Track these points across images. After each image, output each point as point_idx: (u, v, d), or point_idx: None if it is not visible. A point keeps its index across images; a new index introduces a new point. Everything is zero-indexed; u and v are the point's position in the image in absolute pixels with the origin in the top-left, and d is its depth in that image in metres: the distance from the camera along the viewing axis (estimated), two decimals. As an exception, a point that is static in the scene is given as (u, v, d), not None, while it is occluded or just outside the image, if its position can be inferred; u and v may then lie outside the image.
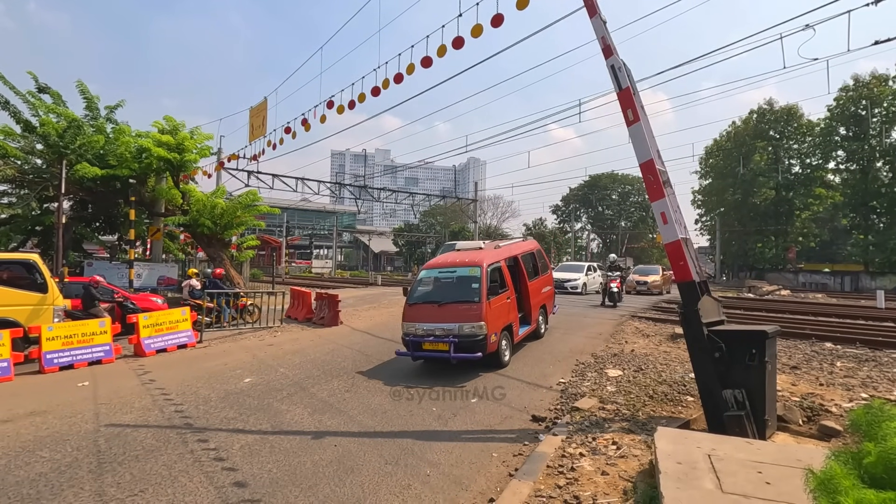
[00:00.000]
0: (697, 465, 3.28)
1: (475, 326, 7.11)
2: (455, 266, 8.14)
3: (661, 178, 5.16)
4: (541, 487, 3.81)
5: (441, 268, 8.40)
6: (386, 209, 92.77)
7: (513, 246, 9.54)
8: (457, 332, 7.16)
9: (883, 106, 35.04)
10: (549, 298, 10.51)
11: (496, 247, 9.00)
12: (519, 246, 9.76)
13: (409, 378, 7.36)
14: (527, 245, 10.22)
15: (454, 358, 7.02)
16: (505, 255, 8.66)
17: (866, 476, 2.25)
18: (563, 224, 68.34)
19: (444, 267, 8.36)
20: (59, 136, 15.46)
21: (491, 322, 7.22)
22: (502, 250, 8.86)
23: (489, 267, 7.72)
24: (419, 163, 35.06)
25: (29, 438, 5.03)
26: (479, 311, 7.17)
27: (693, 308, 4.86)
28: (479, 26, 7.51)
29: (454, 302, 7.46)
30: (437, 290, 8.22)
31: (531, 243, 10.54)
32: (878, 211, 36.38)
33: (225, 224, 18.26)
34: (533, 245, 10.49)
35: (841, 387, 6.78)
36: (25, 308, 8.69)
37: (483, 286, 7.33)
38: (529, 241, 10.80)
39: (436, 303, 7.65)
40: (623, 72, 5.24)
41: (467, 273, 7.84)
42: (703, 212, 50.37)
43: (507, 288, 8.12)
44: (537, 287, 9.71)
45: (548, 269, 10.80)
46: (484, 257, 7.93)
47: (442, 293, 7.99)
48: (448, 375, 7.36)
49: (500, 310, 7.63)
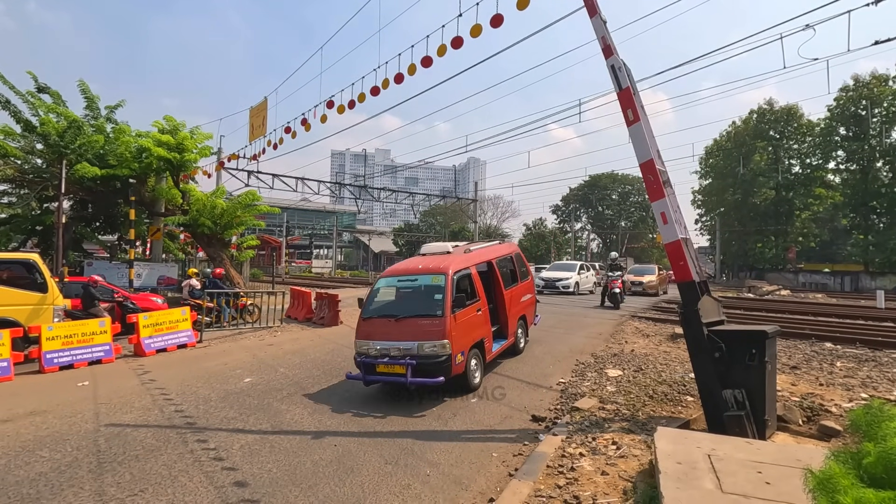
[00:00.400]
0: (697, 465, 3.28)
1: (437, 345, 6.00)
2: (416, 273, 7.00)
3: (661, 178, 5.16)
4: (541, 487, 3.81)
5: (400, 275, 7.23)
6: (386, 209, 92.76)
7: (487, 249, 8.44)
8: (415, 351, 6.07)
9: (883, 106, 35.04)
10: (529, 308, 9.33)
11: (466, 250, 7.86)
12: (494, 249, 8.64)
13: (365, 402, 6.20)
14: (503, 248, 9.10)
15: (411, 383, 5.94)
16: (476, 261, 7.60)
17: (866, 476, 2.25)
18: (563, 224, 68.33)
19: (404, 274, 7.20)
20: (59, 136, 15.46)
21: (456, 339, 6.13)
22: (473, 255, 7.75)
23: (456, 274, 6.63)
24: (419, 163, 35.06)
25: (29, 438, 5.03)
26: (442, 326, 6.05)
27: (693, 308, 4.86)
28: (478, 26, 7.52)
29: (413, 316, 6.38)
30: (394, 302, 7.16)
31: (509, 246, 9.49)
32: (878, 211, 36.38)
33: (225, 224, 18.27)
34: (511, 248, 9.43)
35: (841, 387, 6.78)
36: (25, 308, 8.69)
37: (447, 297, 6.23)
38: (507, 244, 9.74)
39: (392, 317, 6.49)
40: (623, 72, 5.24)
41: (429, 282, 6.71)
42: (703, 212, 50.38)
43: (478, 298, 7.02)
44: (515, 296, 8.60)
45: (528, 275, 9.65)
46: (450, 263, 6.81)
47: (400, 305, 6.95)
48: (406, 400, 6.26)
49: (468, 324, 6.55)
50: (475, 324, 6.80)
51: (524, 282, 9.23)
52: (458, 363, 6.17)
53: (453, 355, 6.05)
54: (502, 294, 8.04)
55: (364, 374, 6.23)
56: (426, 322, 6.22)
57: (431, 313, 6.25)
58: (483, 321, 7.07)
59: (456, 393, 6.39)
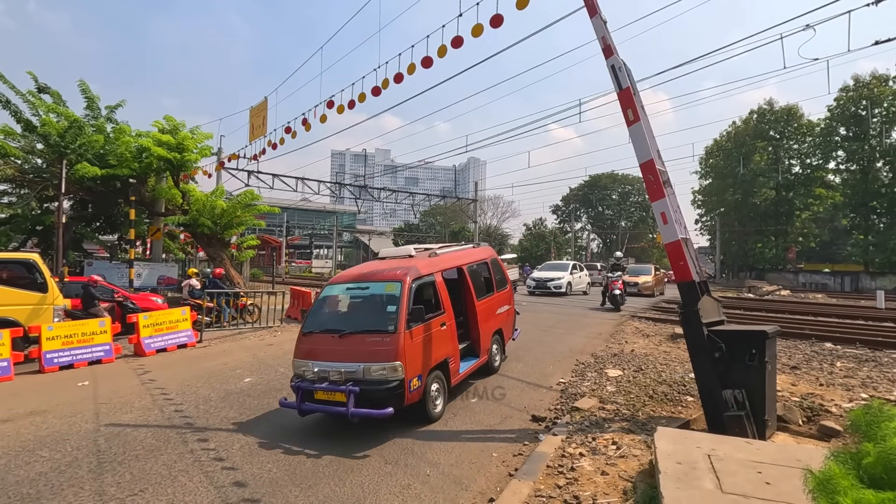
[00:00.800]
0: (697, 465, 3.28)
1: (387, 368, 4.98)
2: (367, 280, 5.98)
3: (661, 178, 5.16)
4: (541, 487, 3.81)
5: (350, 282, 6.13)
6: (386, 209, 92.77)
7: (457, 254, 7.36)
8: (360, 375, 5.03)
9: (883, 106, 35.04)
10: (507, 322, 8.12)
11: (432, 254, 6.80)
12: (466, 254, 7.55)
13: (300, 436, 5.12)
14: (477, 253, 7.95)
15: (353, 415, 4.84)
16: (443, 266, 6.51)
17: (865, 476, 2.25)
18: (563, 224, 68.35)
19: (354, 281, 6.12)
20: (59, 136, 15.46)
21: (412, 360, 5.12)
22: (440, 259, 6.67)
23: (414, 282, 5.61)
24: (419, 163, 35.06)
25: (29, 438, 5.03)
26: (394, 345, 5.02)
27: (693, 308, 4.86)
28: (479, 26, 7.52)
29: (360, 332, 5.32)
30: (340, 315, 6.13)
31: (484, 251, 8.30)
32: (878, 211, 36.39)
33: (225, 224, 18.27)
34: (486, 253, 8.24)
35: (841, 387, 6.78)
36: (25, 308, 8.69)
37: (402, 309, 5.21)
38: (482, 247, 8.51)
39: (336, 333, 5.42)
40: (623, 72, 5.24)
41: (382, 290, 5.71)
42: (703, 212, 50.40)
43: (442, 310, 6.00)
44: (490, 307, 7.47)
45: (506, 283, 8.40)
46: (409, 269, 5.77)
47: (346, 319, 5.96)
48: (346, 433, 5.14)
49: (429, 341, 5.53)
50: (438, 341, 5.72)
51: (502, 291, 8.06)
52: (414, 389, 5.12)
53: (407, 380, 5.01)
54: (474, 305, 6.92)
55: (299, 402, 5.11)
56: (375, 339, 5.17)
57: (382, 329, 5.23)
58: (448, 337, 5.99)
59: (412, 424, 5.35)
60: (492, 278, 7.90)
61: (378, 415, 4.82)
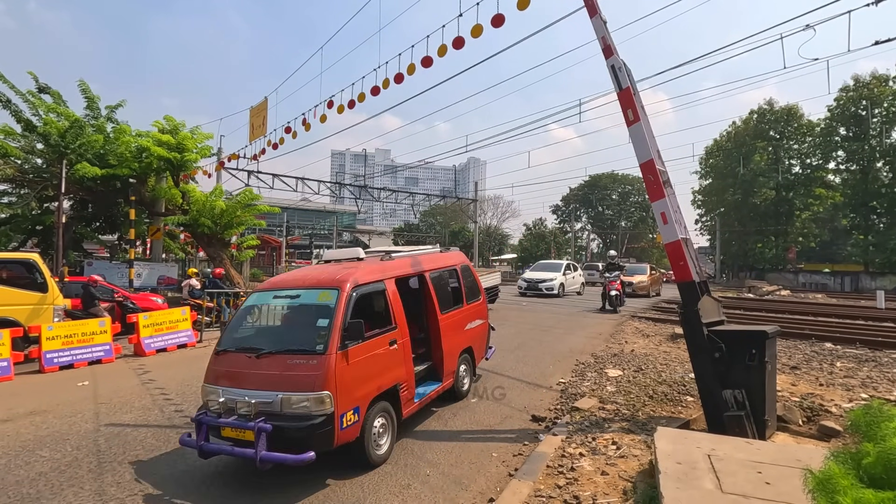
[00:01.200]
0: (697, 465, 3.28)
1: (310, 399, 3.88)
2: (298, 287, 4.93)
3: (661, 178, 5.16)
4: (541, 487, 3.81)
5: (279, 289, 5.09)
6: (386, 209, 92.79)
7: (416, 258, 6.12)
8: (276, 407, 3.91)
9: (883, 106, 35.06)
10: (478, 339, 6.90)
11: (385, 257, 5.68)
12: (428, 259, 6.32)
13: None
14: (444, 258, 6.75)
15: (263, 460, 3.72)
16: (397, 272, 5.43)
17: (865, 476, 2.25)
18: (563, 224, 68.39)
19: (284, 288, 5.05)
20: (60, 136, 15.46)
21: (346, 389, 4.03)
22: (394, 264, 5.56)
23: (356, 290, 4.57)
24: (419, 163, 35.06)
25: (29, 438, 5.04)
26: (322, 369, 3.95)
27: (693, 308, 4.86)
28: (479, 26, 7.52)
29: (282, 352, 4.24)
30: (263, 329, 5.15)
31: (452, 256, 7.10)
32: (878, 211, 36.40)
33: (225, 224, 18.27)
34: (454, 259, 7.00)
35: (841, 387, 6.79)
36: (25, 307, 8.69)
37: (336, 324, 4.17)
38: (451, 252, 7.31)
39: (253, 352, 4.30)
40: (623, 72, 5.24)
41: (314, 300, 4.70)
42: (703, 212, 50.44)
43: (393, 325, 4.93)
44: (458, 322, 6.28)
45: (479, 294, 7.17)
46: (350, 274, 4.70)
47: (268, 335, 4.98)
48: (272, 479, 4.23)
49: (371, 365, 4.44)
50: (385, 363, 4.66)
51: (473, 304, 6.86)
52: (349, 426, 4.02)
53: (339, 414, 3.92)
54: (437, 319, 5.78)
55: (199, 441, 3.98)
56: (299, 362, 4.08)
57: (308, 349, 4.18)
58: (400, 359, 4.90)
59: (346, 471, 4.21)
60: (461, 288, 6.70)
61: (294, 461, 3.67)
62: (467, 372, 6.58)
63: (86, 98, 17.80)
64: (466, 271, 7.10)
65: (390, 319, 4.97)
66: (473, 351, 6.73)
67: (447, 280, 6.57)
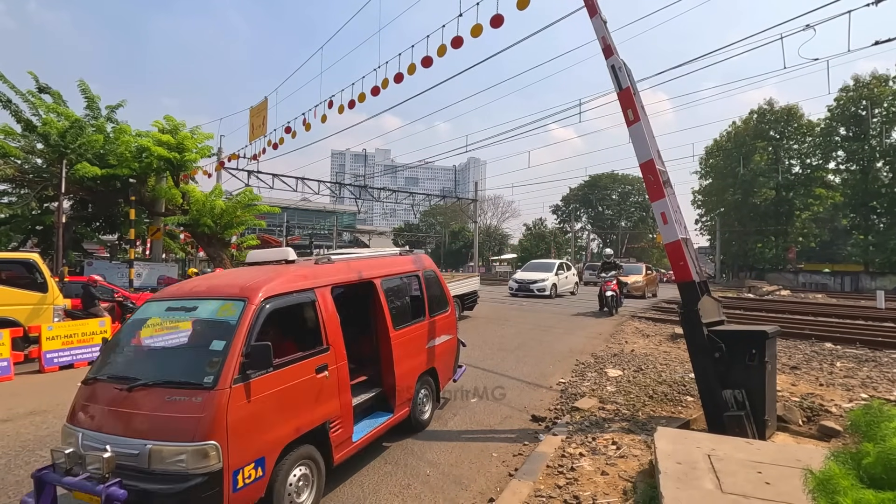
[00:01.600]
0: (697, 465, 3.28)
1: (188, 452, 2.84)
2: (198, 297, 3.83)
3: (662, 178, 5.16)
4: (541, 487, 3.81)
5: (176, 299, 3.98)
6: (386, 209, 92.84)
7: (365, 262, 5.01)
8: (143, 462, 2.88)
9: (883, 106, 35.08)
10: (443, 358, 5.75)
11: (320, 261, 4.56)
12: (382, 263, 5.23)
13: None
14: (402, 263, 5.58)
15: None
16: (333, 279, 4.28)
17: (865, 476, 2.25)
18: (563, 224, 68.42)
19: (181, 298, 3.94)
20: (60, 136, 15.47)
21: (244, 435, 3.05)
22: (330, 268, 4.41)
23: (270, 302, 3.52)
24: (419, 163, 35.08)
25: (29, 438, 5.04)
26: (208, 410, 2.93)
27: (693, 308, 4.86)
28: (479, 26, 7.53)
29: (159, 384, 3.16)
30: (144, 352, 3.93)
31: (413, 260, 5.86)
32: (878, 211, 36.43)
33: (225, 224, 18.30)
34: (416, 263, 5.80)
35: (841, 387, 6.79)
36: (25, 307, 8.69)
37: (234, 348, 3.14)
38: (414, 255, 6.06)
39: (125, 382, 3.22)
40: (623, 72, 5.24)
41: (212, 315, 3.65)
42: (703, 212, 50.46)
43: (323, 346, 3.84)
44: (416, 339, 5.23)
45: (446, 305, 6.05)
46: (265, 282, 3.64)
47: (148, 360, 3.84)
48: None
49: (285, 400, 3.40)
50: (309, 397, 3.58)
51: (439, 316, 5.77)
52: (248, 484, 3.05)
53: (230, 471, 2.93)
54: (389, 337, 4.74)
55: (39, 496, 2.98)
56: (179, 399, 3.02)
57: (194, 381, 3.10)
58: (333, 389, 3.82)
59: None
60: (423, 298, 5.61)
61: None
62: (428, 398, 5.44)
63: (86, 98, 17.81)
64: (432, 279, 5.96)
65: (321, 339, 3.83)
66: (437, 372, 5.61)
67: (405, 289, 5.47)
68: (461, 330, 6.62)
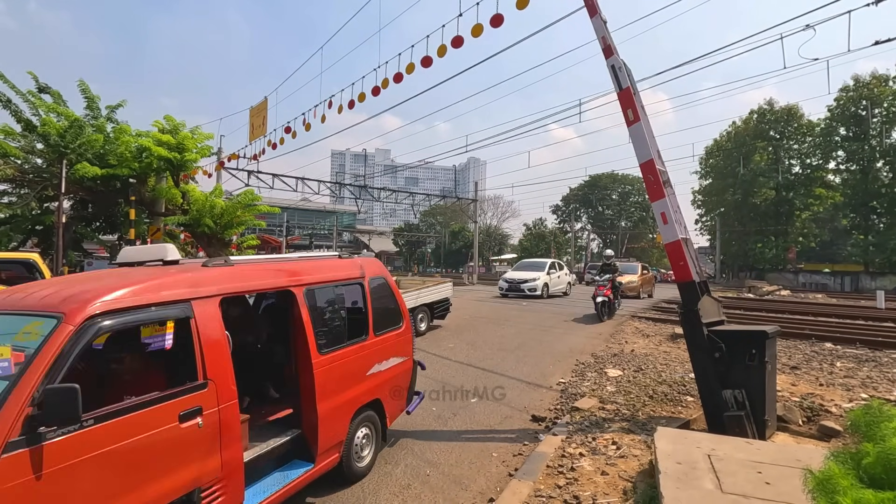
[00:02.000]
0: (697, 465, 3.28)
1: None
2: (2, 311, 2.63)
3: (662, 178, 5.16)
4: (541, 487, 3.81)
5: None
6: (386, 209, 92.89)
7: (287, 267, 3.95)
8: None
9: (883, 106, 35.10)
10: (391, 386, 4.60)
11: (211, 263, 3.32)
12: (308, 268, 4.04)
13: None
14: (338, 268, 4.39)
15: None
16: (224, 288, 3.15)
17: (865, 476, 2.26)
18: (563, 224, 68.43)
19: None
20: (59, 136, 15.48)
21: None
22: (223, 273, 3.25)
23: (102, 322, 2.40)
24: (419, 163, 35.08)
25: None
26: None
27: (693, 308, 4.87)
28: (479, 26, 7.52)
29: None
30: None
31: (356, 264, 4.62)
32: (878, 211, 36.45)
33: (225, 224, 18.30)
34: (358, 268, 4.56)
35: (841, 387, 6.79)
36: (25, 308, 8.67)
37: (16, 393, 2.12)
38: (358, 259, 4.82)
39: None
40: (623, 72, 5.24)
41: (10, 339, 2.47)
42: (703, 212, 50.48)
43: (198, 382, 2.79)
44: (352, 364, 4.09)
45: (400, 320, 4.85)
46: (108, 291, 2.54)
47: None
48: None
49: (111, 469, 2.27)
50: (168, 456, 2.57)
51: (388, 333, 4.60)
52: None
53: None
54: (309, 364, 3.63)
55: None
56: None
57: None
58: (210, 442, 2.78)
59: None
60: (366, 312, 4.38)
61: None
62: (370, 438, 4.28)
63: (86, 98, 17.82)
64: (380, 287, 4.67)
65: (194, 371, 2.80)
66: (383, 405, 4.42)
67: (340, 300, 4.29)
68: (456, 331, 6.55)
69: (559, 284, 20.79)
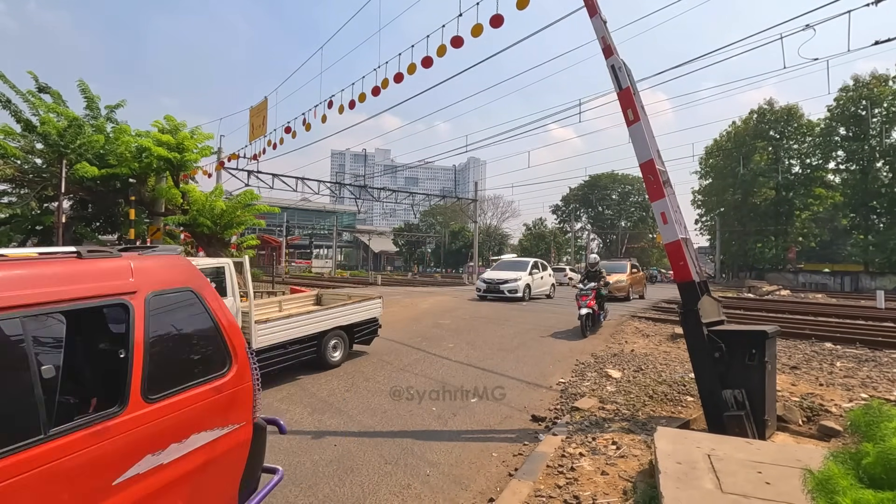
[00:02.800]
0: (697, 465, 3.28)
1: None
2: None
3: (661, 178, 5.16)
4: (540, 487, 3.81)
5: None
6: (386, 209, 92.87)
7: None
8: None
9: (883, 106, 35.12)
10: (191, 486, 2.34)
11: None
12: None
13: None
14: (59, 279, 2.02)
15: None
16: None
17: (865, 476, 2.26)
18: (563, 224, 68.44)
19: None
20: (59, 136, 15.48)
21: None
22: None
23: None
24: (419, 163, 35.08)
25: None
26: None
27: (693, 308, 4.87)
28: (479, 26, 7.52)
29: None
30: None
31: (105, 272, 2.23)
32: (878, 211, 36.48)
33: (225, 224, 18.30)
34: (108, 279, 2.20)
35: (841, 387, 6.79)
36: (25, 308, 8.68)
37: None
38: (123, 259, 2.35)
39: None
40: (623, 71, 5.24)
41: None
42: (703, 212, 50.53)
43: None
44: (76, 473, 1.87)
45: (226, 361, 2.67)
46: None
47: None
48: None
49: None
50: None
51: (183, 393, 2.38)
52: None
53: None
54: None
55: None
56: None
57: None
58: None
59: None
60: (129, 359, 2.19)
61: None
62: None
63: (85, 98, 17.82)
64: (177, 307, 2.55)
65: None
66: None
67: (48, 343, 2.12)
68: (456, 331, 6.48)
69: (542, 286, 19.35)
